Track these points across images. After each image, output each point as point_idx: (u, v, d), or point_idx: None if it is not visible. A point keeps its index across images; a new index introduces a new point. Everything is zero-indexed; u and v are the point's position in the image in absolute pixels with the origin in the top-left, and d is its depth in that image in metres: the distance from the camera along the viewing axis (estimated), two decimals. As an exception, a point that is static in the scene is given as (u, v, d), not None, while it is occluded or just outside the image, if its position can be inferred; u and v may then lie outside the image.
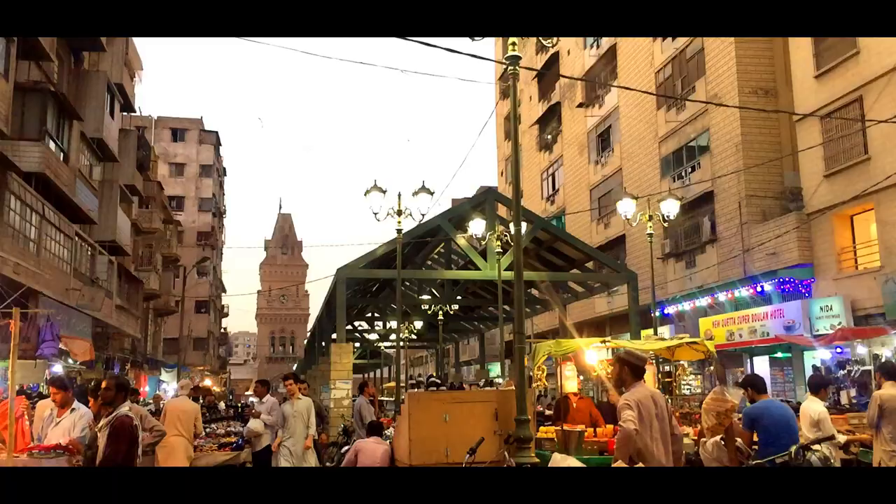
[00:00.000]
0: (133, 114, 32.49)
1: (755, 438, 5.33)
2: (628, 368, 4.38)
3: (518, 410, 6.20)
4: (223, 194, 68.66)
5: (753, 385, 5.58)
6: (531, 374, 7.88)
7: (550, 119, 37.48)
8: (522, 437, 6.01)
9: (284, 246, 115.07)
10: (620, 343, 8.67)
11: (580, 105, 33.32)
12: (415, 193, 13.31)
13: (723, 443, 5.07)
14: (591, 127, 32.65)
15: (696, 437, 6.53)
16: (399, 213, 13.22)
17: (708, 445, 5.14)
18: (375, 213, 13.08)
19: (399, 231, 13.30)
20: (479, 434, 5.94)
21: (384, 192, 13.12)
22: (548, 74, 37.89)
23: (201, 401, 12.10)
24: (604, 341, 8.38)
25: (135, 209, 31.50)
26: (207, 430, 10.09)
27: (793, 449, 4.91)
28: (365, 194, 13.17)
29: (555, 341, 8.28)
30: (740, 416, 6.02)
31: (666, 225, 14.89)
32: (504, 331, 18.68)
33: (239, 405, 17.46)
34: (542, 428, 7.70)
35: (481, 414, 6.45)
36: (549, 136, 37.64)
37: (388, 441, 7.55)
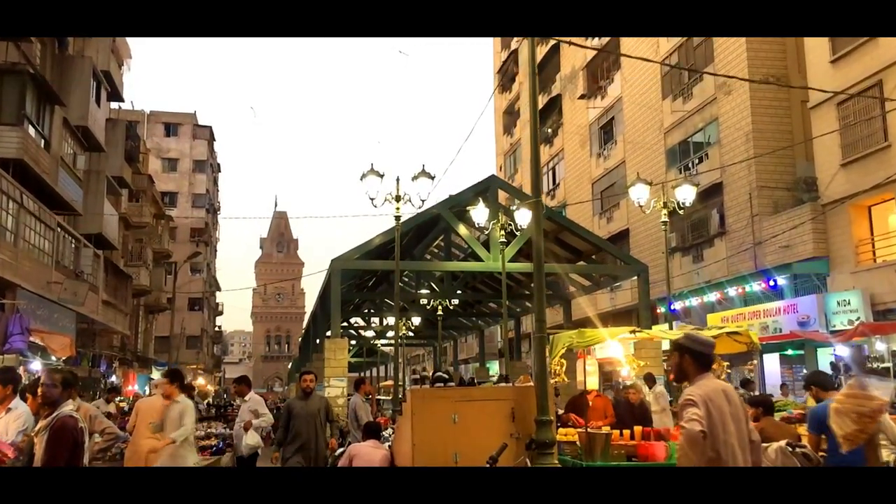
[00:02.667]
0: (122, 104, 31.61)
1: (823, 445, 4.52)
2: (691, 357, 3.51)
3: (539, 410, 5.37)
4: (217, 190, 67.70)
5: (818, 382, 4.75)
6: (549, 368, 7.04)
7: (551, 112, 36.66)
8: (545, 440, 5.17)
9: (280, 244, 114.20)
10: (653, 334, 7.83)
11: (582, 96, 32.53)
12: (414, 178, 12.48)
13: (790, 449, 4.25)
14: (592, 119, 31.84)
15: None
16: (397, 198, 12.37)
17: (770, 452, 4.31)
18: (372, 199, 12.24)
19: (397, 218, 12.44)
20: (493, 437, 5.12)
21: (381, 176, 12.28)
22: (548, 67, 37.11)
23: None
24: (633, 331, 7.51)
25: (124, 202, 30.59)
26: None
27: (892, 458, 4.08)
28: (361, 178, 12.33)
29: (577, 331, 7.43)
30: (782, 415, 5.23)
31: (682, 212, 14.04)
32: (504, 328, 17.79)
33: (223, 403, 16.58)
34: (559, 430, 6.85)
35: (496, 414, 5.58)
36: (550, 130, 36.83)
37: (386, 445, 6.71)
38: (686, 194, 13.31)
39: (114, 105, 32.36)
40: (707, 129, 23.32)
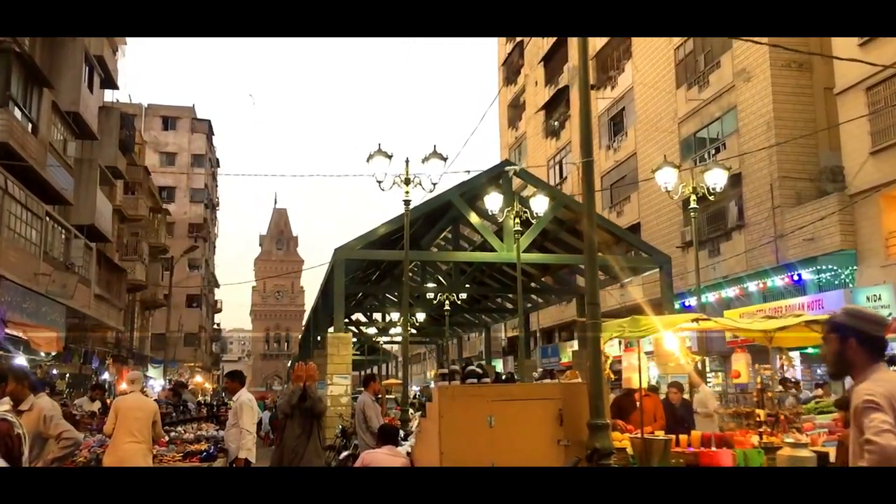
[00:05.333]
0: (117, 95, 30.73)
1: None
2: (858, 342, 2.55)
3: (592, 412, 4.45)
4: (216, 186, 66.76)
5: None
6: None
7: (558, 104, 35.77)
8: (604, 449, 4.27)
9: (280, 241, 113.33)
10: (723, 323, 6.88)
11: (591, 87, 31.57)
12: (425, 159, 11.57)
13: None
14: (602, 110, 30.94)
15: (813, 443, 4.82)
16: (407, 181, 11.45)
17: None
18: (380, 182, 11.34)
19: (406, 202, 11.51)
20: (538, 444, 4.23)
21: (390, 157, 11.37)
22: (555, 58, 36.22)
23: (157, 397, 10.26)
24: (695, 319, 6.54)
25: (119, 195, 29.66)
26: (172, 433, 8.29)
27: None
28: (368, 160, 11.43)
29: (630, 319, 6.47)
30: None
31: (712, 197, 13.10)
32: (520, 323, 16.88)
33: (214, 403, 15.65)
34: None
35: (540, 416, 4.65)
36: (557, 123, 35.93)
37: (404, 451, 5.78)
38: (717, 179, 12.38)
39: (111, 98, 31.45)
40: (724, 118, 22.42)
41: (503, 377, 5.39)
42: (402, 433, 8.36)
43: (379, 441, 5.51)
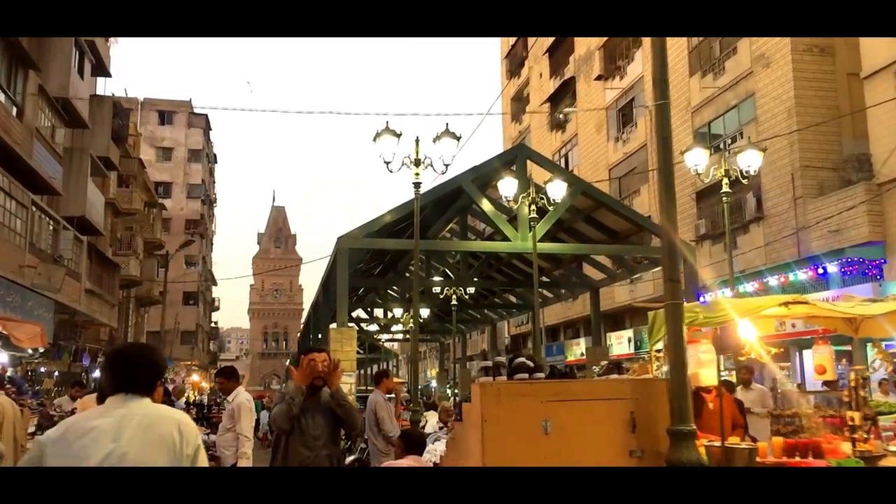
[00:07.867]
0: (110, 83, 29.83)
1: None
2: None
3: (674, 416, 3.58)
4: (213, 182, 65.79)
5: None
6: (648, 356, 5.24)
7: (564, 96, 34.89)
8: (692, 461, 3.40)
9: (278, 239, 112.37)
10: (822, 308, 5.97)
11: (598, 77, 30.74)
12: (436, 139, 10.68)
13: None
14: (610, 101, 30.06)
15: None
16: (417, 162, 10.56)
17: None
18: (388, 163, 10.45)
19: (417, 185, 10.61)
20: (603, 454, 3.37)
21: (398, 135, 10.48)
22: (560, 49, 35.35)
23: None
24: (786, 303, 5.57)
25: (112, 188, 28.74)
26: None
27: None
28: (374, 139, 10.55)
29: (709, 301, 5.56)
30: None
31: (745, 181, 12.25)
32: (535, 317, 15.99)
33: (205, 402, 14.74)
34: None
35: (607, 421, 3.74)
36: (562, 115, 35.05)
37: (433, 463, 4.89)
38: (751, 161, 11.52)
39: (107, 92, 30.56)
40: (741, 106, 21.56)
41: (559, 371, 4.48)
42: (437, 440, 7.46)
43: (402, 450, 4.56)
